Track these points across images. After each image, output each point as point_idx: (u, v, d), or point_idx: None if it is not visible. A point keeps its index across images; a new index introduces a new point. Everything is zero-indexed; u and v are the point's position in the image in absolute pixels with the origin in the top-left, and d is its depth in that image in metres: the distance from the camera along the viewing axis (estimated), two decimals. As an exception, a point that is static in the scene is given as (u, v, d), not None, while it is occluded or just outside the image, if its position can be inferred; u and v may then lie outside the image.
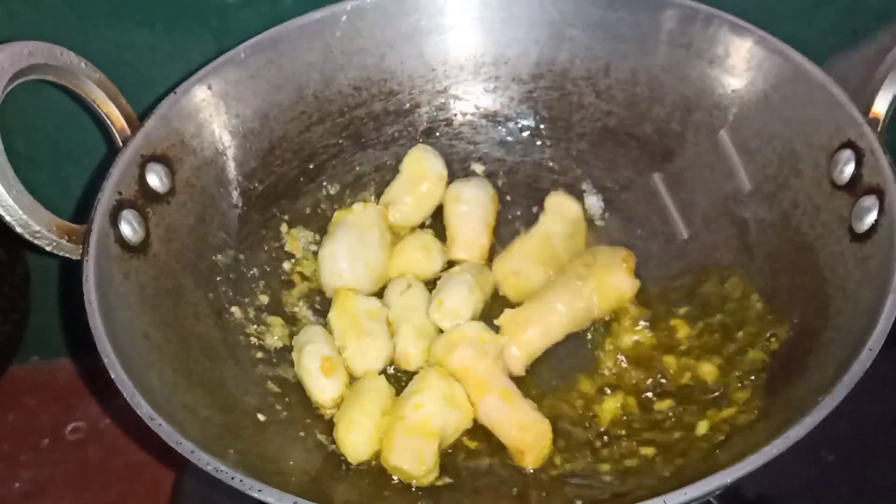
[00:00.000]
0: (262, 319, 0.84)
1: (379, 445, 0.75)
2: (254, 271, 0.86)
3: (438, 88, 0.93)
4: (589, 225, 0.90)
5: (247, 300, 0.84)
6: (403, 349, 0.81)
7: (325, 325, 0.84)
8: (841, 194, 0.74)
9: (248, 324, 0.83)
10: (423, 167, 0.90)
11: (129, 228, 0.75)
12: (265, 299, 0.85)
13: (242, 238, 0.85)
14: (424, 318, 0.83)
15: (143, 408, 0.62)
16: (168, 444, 0.61)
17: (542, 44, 0.91)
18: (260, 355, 0.81)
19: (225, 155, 0.84)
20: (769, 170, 0.81)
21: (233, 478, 0.59)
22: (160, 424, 0.62)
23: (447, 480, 0.75)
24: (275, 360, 0.82)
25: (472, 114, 0.94)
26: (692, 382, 0.78)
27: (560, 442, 0.76)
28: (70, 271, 0.72)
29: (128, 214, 0.75)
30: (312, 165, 0.90)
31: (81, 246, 0.72)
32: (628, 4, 0.87)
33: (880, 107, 0.75)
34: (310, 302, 0.87)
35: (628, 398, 0.79)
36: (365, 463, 0.75)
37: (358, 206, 0.89)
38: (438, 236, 0.90)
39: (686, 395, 0.78)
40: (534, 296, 0.83)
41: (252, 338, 0.82)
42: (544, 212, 0.89)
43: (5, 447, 1.16)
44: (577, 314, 0.82)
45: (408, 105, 0.93)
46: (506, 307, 0.84)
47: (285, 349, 0.83)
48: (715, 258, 0.84)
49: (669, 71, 0.87)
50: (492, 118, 0.94)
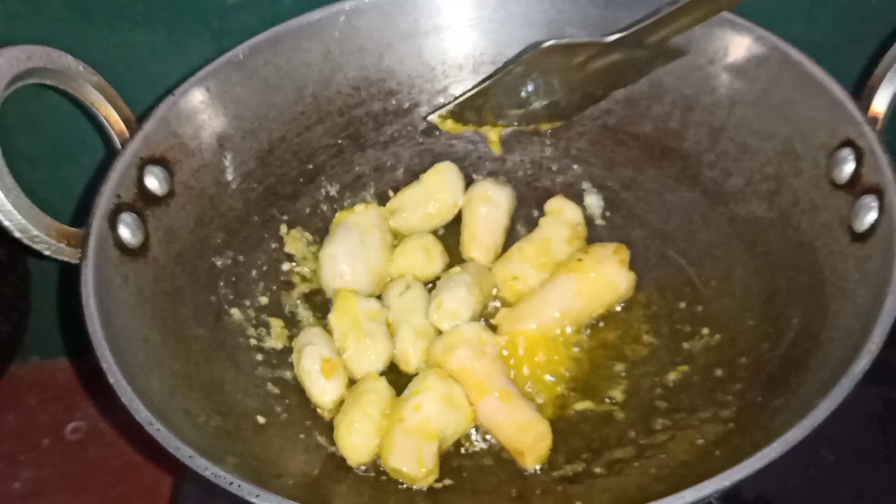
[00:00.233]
0: (262, 321, 0.84)
1: (379, 447, 0.75)
2: (253, 273, 0.86)
3: (437, 88, 0.93)
4: (589, 224, 0.90)
5: (246, 302, 0.84)
6: (403, 350, 0.81)
7: (325, 327, 0.84)
8: (840, 193, 0.74)
9: (248, 325, 0.83)
10: (443, 188, 0.90)
11: (128, 231, 0.75)
12: (265, 301, 0.85)
13: (242, 239, 0.85)
14: (424, 319, 0.83)
15: (142, 413, 0.62)
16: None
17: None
18: (260, 357, 0.81)
19: (224, 156, 0.84)
20: (769, 168, 0.81)
21: (231, 483, 0.59)
22: (158, 429, 0.62)
23: (447, 482, 0.75)
24: (275, 362, 0.82)
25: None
26: (690, 385, 0.79)
27: (560, 443, 0.77)
28: (70, 271, 0.72)
29: (126, 217, 0.75)
30: (312, 166, 0.90)
31: (80, 250, 0.72)
32: (627, 3, 0.86)
33: (880, 105, 0.75)
34: (309, 303, 0.87)
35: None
36: (365, 464, 0.75)
37: (359, 208, 0.89)
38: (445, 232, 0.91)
39: (684, 398, 0.78)
40: (529, 294, 0.84)
41: (252, 339, 0.82)
42: (544, 216, 0.89)
43: (5, 447, 1.16)
44: (572, 309, 0.82)
45: (407, 105, 0.93)
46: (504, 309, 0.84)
47: (285, 351, 0.83)
48: (714, 257, 0.84)
49: (669, 69, 0.87)
50: (491, 117, 0.94)
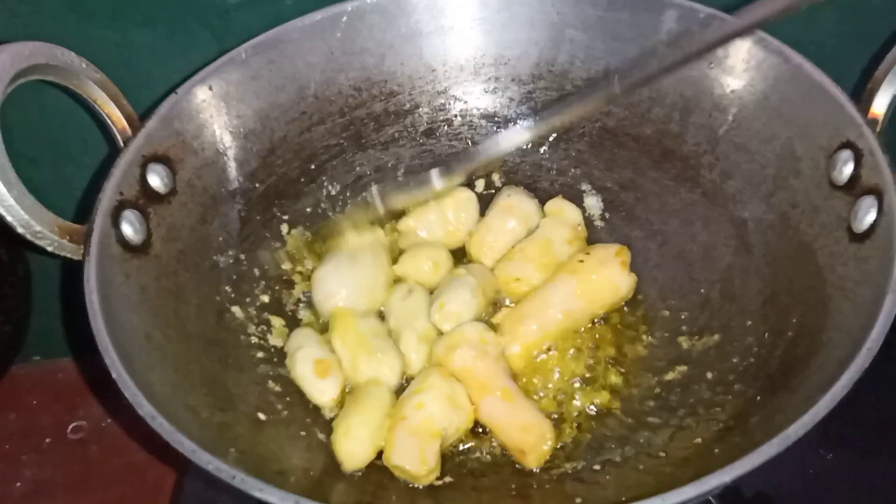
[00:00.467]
0: (263, 319, 0.84)
1: (375, 453, 0.75)
2: (255, 271, 0.86)
3: (438, 89, 0.93)
4: (588, 225, 0.90)
5: (248, 300, 0.84)
6: (405, 354, 0.82)
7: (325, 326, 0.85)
8: (840, 194, 0.75)
9: (249, 323, 0.83)
10: (459, 220, 0.91)
11: (131, 229, 0.75)
12: (266, 299, 0.85)
13: (243, 238, 0.86)
14: (427, 323, 0.83)
15: (145, 407, 0.62)
16: (169, 444, 0.61)
17: (542, 45, 0.91)
18: (261, 355, 0.82)
19: (226, 155, 0.85)
20: (768, 170, 0.82)
21: (234, 477, 0.59)
22: (161, 424, 0.62)
23: (448, 480, 0.75)
24: (275, 360, 0.82)
25: (472, 114, 0.94)
26: (689, 385, 0.79)
27: (560, 441, 0.77)
28: (72, 271, 0.72)
29: (129, 215, 0.75)
30: (313, 166, 0.91)
31: (83, 246, 0.72)
32: (628, 5, 0.87)
33: (879, 107, 0.75)
34: (310, 301, 0.87)
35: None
36: (359, 470, 0.76)
37: (351, 233, 0.88)
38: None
39: (683, 397, 0.78)
40: (531, 294, 0.84)
41: (253, 337, 0.82)
42: (545, 217, 0.89)
43: (7, 447, 1.16)
44: (574, 310, 0.82)
45: (408, 105, 0.93)
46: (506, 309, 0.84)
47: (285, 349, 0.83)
48: (714, 258, 0.84)
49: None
50: (492, 119, 0.94)
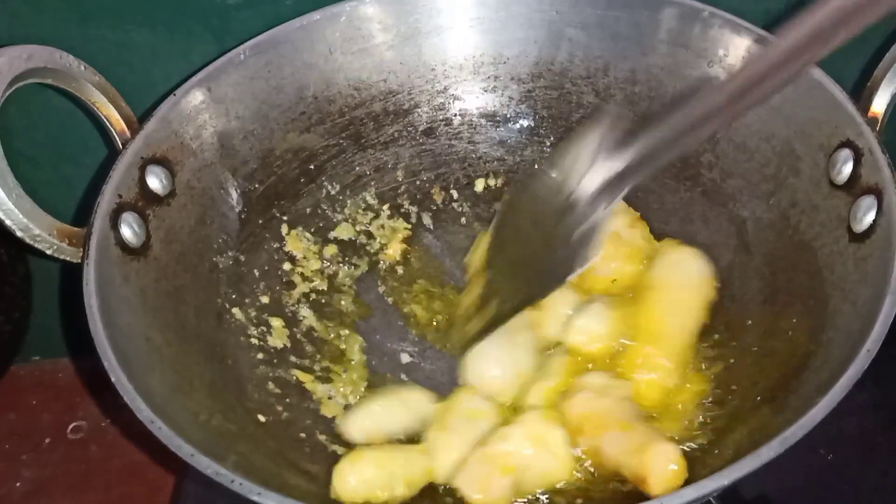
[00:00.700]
0: (263, 320, 0.84)
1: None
2: (254, 272, 0.86)
3: (438, 88, 0.93)
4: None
5: (247, 301, 0.84)
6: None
7: (324, 329, 0.86)
8: (839, 194, 0.75)
9: (249, 325, 0.83)
10: None
11: (130, 231, 0.75)
12: (266, 300, 0.85)
13: (243, 239, 0.86)
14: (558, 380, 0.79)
15: (144, 411, 0.62)
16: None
17: (541, 43, 0.91)
18: (260, 356, 0.82)
19: (225, 156, 0.84)
20: (768, 169, 0.82)
21: (232, 481, 0.59)
22: (160, 428, 0.61)
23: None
24: (275, 361, 0.82)
25: (472, 114, 0.94)
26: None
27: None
28: (71, 271, 0.72)
29: (128, 217, 0.75)
30: (312, 166, 0.90)
31: (82, 249, 0.72)
32: (627, 4, 0.87)
33: (879, 106, 0.75)
34: (310, 303, 0.88)
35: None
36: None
37: None
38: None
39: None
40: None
41: (253, 339, 0.82)
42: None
43: (6, 446, 1.16)
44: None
45: (407, 105, 0.93)
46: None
47: (286, 350, 0.83)
48: (713, 258, 0.84)
49: (668, 70, 0.87)
50: (491, 118, 0.94)
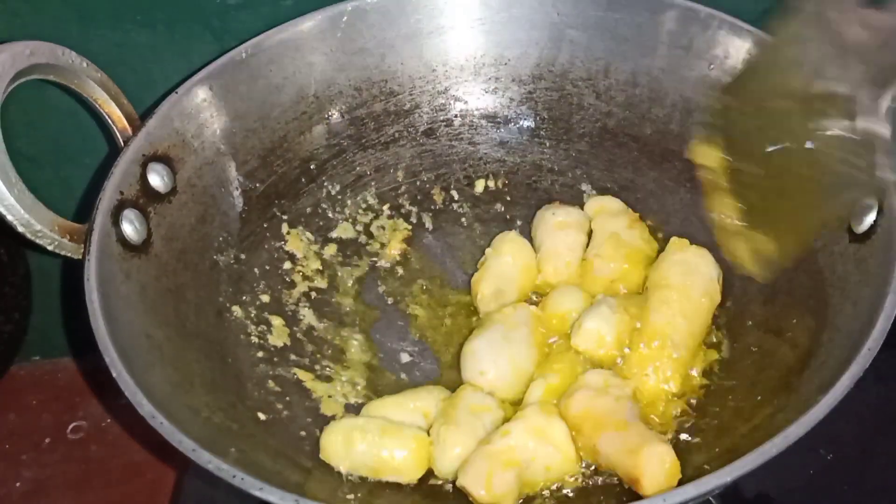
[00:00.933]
0: (263, 319, 0.84)
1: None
2: (255, 271, 0.86)
3: (439, 89, 0.93)
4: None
5: (248, 300, 0.84)
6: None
7: (324, 329, 0.86)
8: (840, 194, 0.75)
9: (249, 323, 0.83)
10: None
11: (131, 228, 0.75)
12: (266, 299, 0.85)
13: (243, 237, 0.86)
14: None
15: (145, 406, 0.62)
16: (169, 443, 0.61)
17: (542, 45, 0.91)
18: (260, 354, 0.81)
19: (226, 155, 0.85)
20: (769, 170, 0.82)
21: (234, 476, 0.59)
22: (161, 423, 0.61)
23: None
24: (275, 360, 0.82)
25: (473, 114, 0.94)
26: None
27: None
28: (72, 270, 0.72)
29: (129, 214, 0.75)
30: (313, 166, 0.91)
31: (83, 245, 0.72)
32: (628, 6, 0.87)
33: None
34: (310, 301, 0.88)
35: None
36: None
37: (508, 309, 0.83)
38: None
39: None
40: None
41: (253, 337, 0.82)
42: (593, 219, 0.88)
43: (7, 446, 1.15)
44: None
45: (408, 105, 0.93)
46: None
47: (286, 348, 0.83)
48: (714, 258, 0.84)
49: (669, 72, 0.88)
50: (492, 119, 0.94)
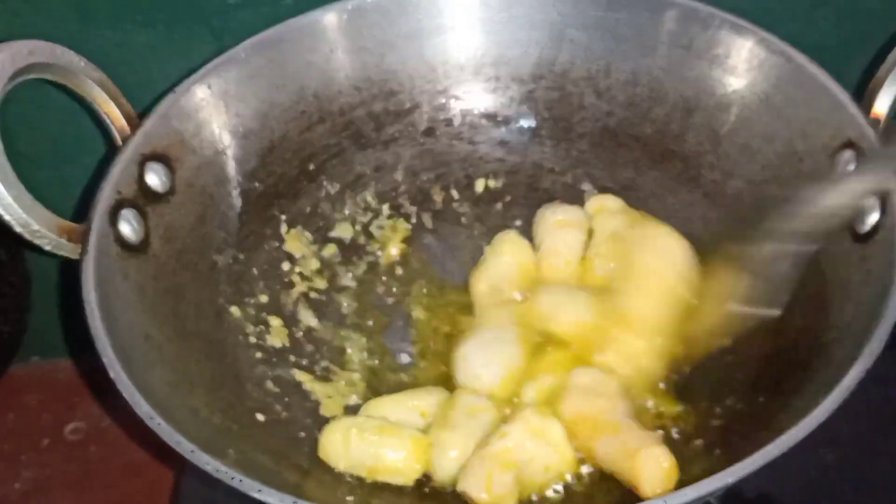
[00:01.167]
0: (262, 319, 0.84)
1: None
2: (253, 271, 0.86)
3: (439, 88, 0.93)
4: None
5: (247, 300, 0.84)
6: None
7: (323, 329, 0.86)
8: (842, 195, 0.74)
9: (248, 323, 0.83)
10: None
11: (129, 228, 0.75)
12: (265, 299, 0.85)
13: (242, 238, 0.85)
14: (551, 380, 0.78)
15: (143, 407, 0.62)
16: (168, 444, 0.61)
17: (543, 44, 0.91)
18: (259, 355, 0.81)
19: (225, 154, 0.84)
20: (770, 170, 0.81)
21: (233, 478, 0.59)
22: (159, 424, 0.61)
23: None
24: (274, 360, 0.82)
25: (473, 114, 0.94)
26: (689, 385, 0.79)
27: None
28: (70, 270, 0.72)
29: (127, 214, 0.75)
30: (312, 165, 0.90)
31: (80, 245, 0.72)
32: (628, 5, 0.87)
33: (881, 107, 0.75)
34: (309, 302, 0.87)
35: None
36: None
37: (499, 309, 0.84)
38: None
39: (683, 398, 0.78)
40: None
41: (252, 337, 0.82)
42: (593, 217, 0.88)
43: (5, 447, 1.15)
44: None
45: (408, 105, 0.93)
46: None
47: (284, 349, 0.83)
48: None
49: (670, 71, 0.87)
50: (492, 118, 0.94)
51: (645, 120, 0.90)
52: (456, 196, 0.94)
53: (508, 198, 0.93)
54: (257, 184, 0.87)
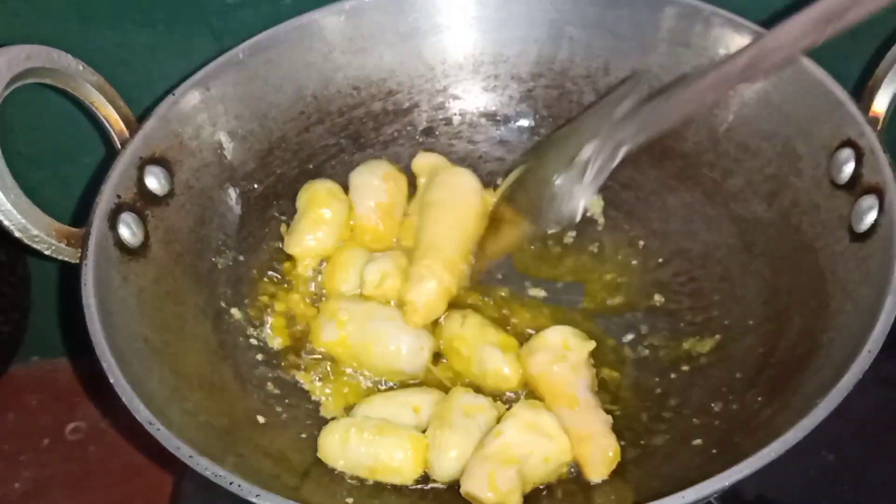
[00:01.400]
0: (262, 320, 0.84)
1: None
2: (253, 272, 0.86)
3: (438, 88, 0.93)
4: (590, 224, 0.90)
5: (246, 301, 0.84)
6: (497, 369, 0.78)
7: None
8: (841, 193, 0.75)
9: (248, 325, 0.83)
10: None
11: (128, 231, 0.75)
12: (265, 300, 0.85)
13: (242, 239, 0.85)
14: (497, 333, 0.80)
15: (142, 412, 0.62)
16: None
17: (542, 42, 0.91)
18: (260, 357, 0.81)
19: (224, 156, 0.84)
20: (769, 169, 0.81)
21: (231, 483, 0.59)
22: (158, 429, 0.62)
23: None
24: (275, 362, 0.82)
25: (472, 113, 0.94)
26: (689, 386, 0.79)
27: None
28: (70, 271, 0.72)
29: (127, 217, 0.75)
30: (312, 166, 0.90)
31: (80, 249, 0.72)
32: (628, 3, 0.87)
33: (880, 106, 0.75)
34: (310, 302, 0.87)
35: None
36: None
37: None
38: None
39: (684, 398, 0.78)
40: None
41: (252, 339, 0.82)
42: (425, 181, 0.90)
43: (5, 447, 1.16)
44: None
45: (407, 105, 0.93)
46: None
47: (285, 350, 0.83)
48: (714, 258, 0.84)
49: (669, 69, 0.87)
50: (491, 117, 0.94)
51: (644, 118, 0.89)
52: (456, 195, 0.94)
53: (508, 197, 0.93)
54: (256, 185, 0.87)
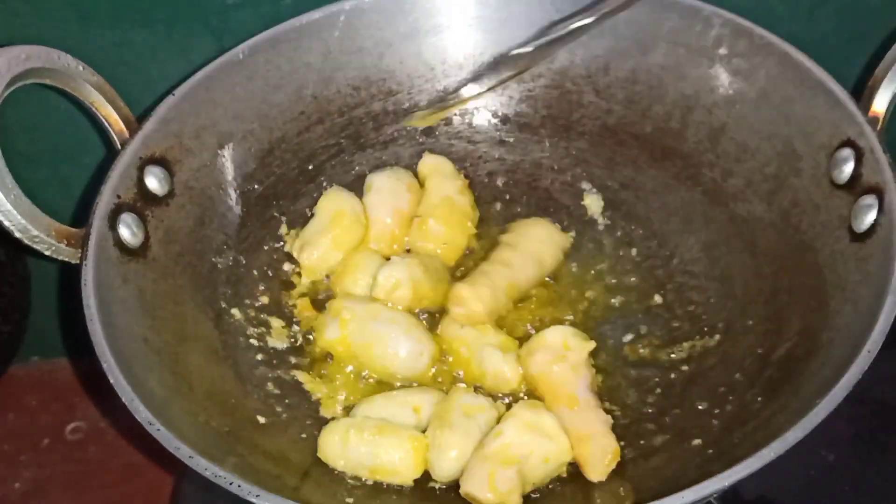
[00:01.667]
0: (262, 321, 0.84)
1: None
2: (254, 272, 0.86)
3: (438, 88, 0.93)
4: (590, 225, 0.90)
5: (247, 301, 0.84)
6: (498, 370, 0.78)
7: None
8: (840, 193, 0.75)
9: (248, 325, 0.83)
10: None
11: (128, 231, 0.75)
12: (265, 300, 0.85)
13: (242, 239, 0.85)
14: (496, 335, 0.81)
15: (142, 413, 0.62)
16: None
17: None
18: (260, 357, 0.81)
19: (224, 156, 0.84)
20: (769, 168, 0.81)
21: (231, 483, 0.59)
22: (158, 430, 0.62)
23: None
24: (275, 362, 0.82)
25: (472, 113, 0.94)
26: (689, 386, 0.79)
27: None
28: (70, 271, 0.72)
29: (126, 217, 0.75)
30: (311, 166, 0.90)
31: (80, 250, 0.72)
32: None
33: (880, 105, 0.75)
34: (310, 302, 0.87)
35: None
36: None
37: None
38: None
39: (684, 398, 0.78)
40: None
41: (252, 339, 0.82)
42: (426, 179, 0.90)
43: (5, 447, 1.16)
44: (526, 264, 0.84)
45: (407, 105, 0.93)
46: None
47: (285, 351, 0.83)
48: (714, 257, 0.84)
49: (669, 69, 0.87)
50: (491, 117, 0.94)
51: (644, 118, 0.89)
52: (456, 195, 0.94)
53: (508, 196, 0.93)
54: (256, 185, 0.87)
